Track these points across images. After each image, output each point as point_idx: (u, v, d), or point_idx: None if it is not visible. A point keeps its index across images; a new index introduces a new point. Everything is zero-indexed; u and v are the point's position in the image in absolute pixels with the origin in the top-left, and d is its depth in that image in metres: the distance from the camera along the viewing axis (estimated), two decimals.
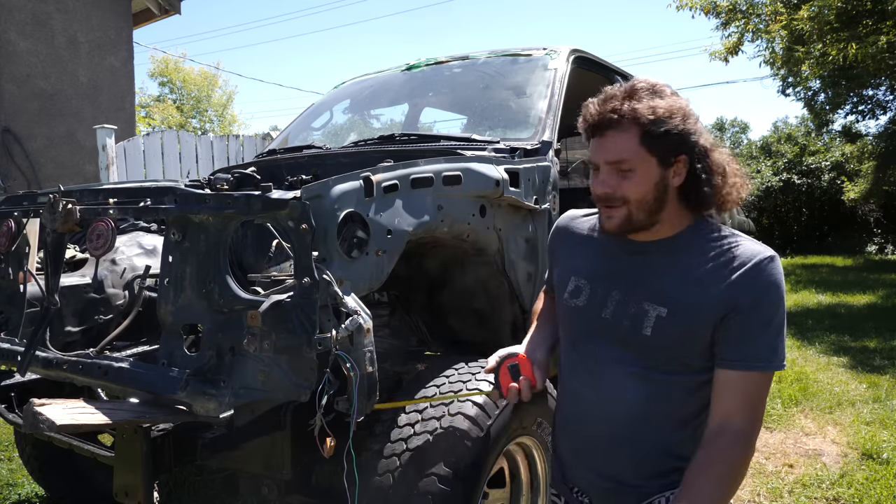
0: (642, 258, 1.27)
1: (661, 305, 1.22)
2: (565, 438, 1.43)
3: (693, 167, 1.21)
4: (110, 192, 1.83)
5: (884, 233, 15.84)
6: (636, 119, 1.16)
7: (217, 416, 1.41)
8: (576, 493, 1.40)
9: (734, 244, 1.22)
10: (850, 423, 3.80)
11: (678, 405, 1.25)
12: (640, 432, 1.27)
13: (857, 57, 7.48)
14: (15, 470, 3.14)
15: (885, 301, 8.32)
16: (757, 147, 18.79)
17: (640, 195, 1.19)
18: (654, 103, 1.17)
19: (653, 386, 1.25)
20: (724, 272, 1.19)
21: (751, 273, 1.17)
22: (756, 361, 1.17)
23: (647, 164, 1.18)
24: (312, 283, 1.33)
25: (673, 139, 1.18)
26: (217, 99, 28.56)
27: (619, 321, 1.26)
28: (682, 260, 1.24)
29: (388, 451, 1.61)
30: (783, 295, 1.19)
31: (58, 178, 6.34)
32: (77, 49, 7.01)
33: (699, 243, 1.24)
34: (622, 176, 1.19)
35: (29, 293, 1.81)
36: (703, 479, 1.15)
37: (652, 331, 1.22)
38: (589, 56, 3.04)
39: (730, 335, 1.18)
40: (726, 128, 29.60)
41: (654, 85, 1.21)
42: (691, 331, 1.20)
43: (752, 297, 1.16)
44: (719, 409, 1.19)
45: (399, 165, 1.68)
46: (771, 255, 1.20)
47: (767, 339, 1.17)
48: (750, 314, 1.17)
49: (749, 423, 1.17)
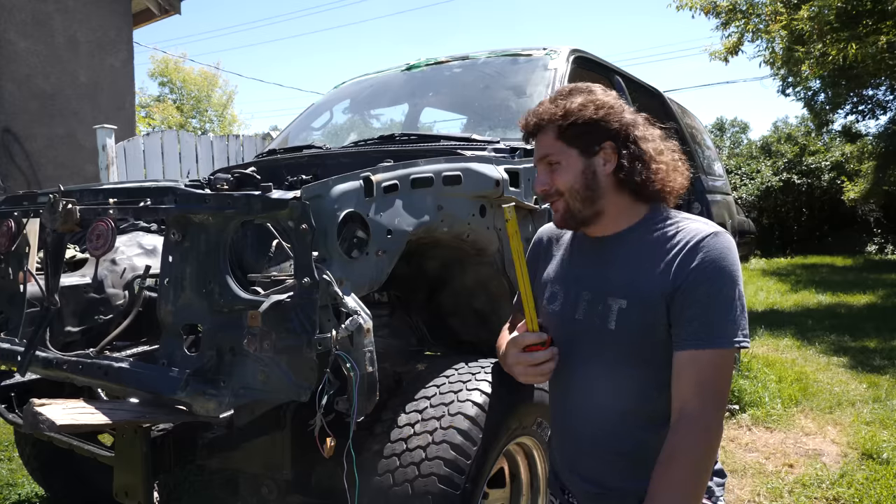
0: (604, 255, 1.31)
1: (622, 298, 1.24)
2: (555, 442, 1.44)
3: (621, 154, 1.26)
4: (110, 192, 1.83)
5: (884, 233, 15.83)
6: (552, 118, 1.28)
7: (217, 416, 1.42)
8: (567, 495, 1.40)
9: (679, 228, 1.24)
10: (850, 423, 3.80)
11: (652, 403, 1.24)
12: (617, 433, 1.27)
13: (857, 57, 7.48)
14: (15, 470, 3.14)
15: (885, 301, 8.33)
16: (757, 147, 18.78)
17: (569, 185, 1.28)
18: (567, 101, 1.28)
19: (625, 383, 1.25)
20: (667, 255, 1.21)
21: (691, 252, 1.18)
22: (702, 340, 1.15)
23: (568, 156, 1.27)
24: (312, 283, 1.33)
25: (587, 128, 1.26)
26: (217, 99, 28.58)
27: (591, 320, 1.28)
28: (634, 250, 1.27)
29: (388, 451, 1.61)
30: (730, 270, 1.17)
31: (58, 178, 6.33)
32: (77, 49, 7.01)
33: (650, 232, 1.27)
34: (552, 170, 1.29)
35: (29, 293, 1.81)
36: (666, 477, 1.13)
37: (615, 324, 1.24)
38: (589, 56, 3.04)
39: (679, 316, 1.18)
40: (726, 128, 29.54)
41: (574, 87, 1.32)
42: (647, 319, 1.21)
43: (692, 276, 1.17)
44: (676, 396, 1.17)
45: (399, 165, 1.68)
46: (712, 231, 1.20)
47: (714, 316, 1.15)
48: (692, 293, 1.16)
49: (702, 407, 1.14)
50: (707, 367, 1.15)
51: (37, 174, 6.58)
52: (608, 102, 1.28)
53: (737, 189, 15.98)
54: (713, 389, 1.15)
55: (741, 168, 17.27)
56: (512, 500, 1.96)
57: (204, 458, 1.82)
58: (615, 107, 1.28)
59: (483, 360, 1.84)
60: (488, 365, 1.79)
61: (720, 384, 1.16)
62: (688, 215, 1.29)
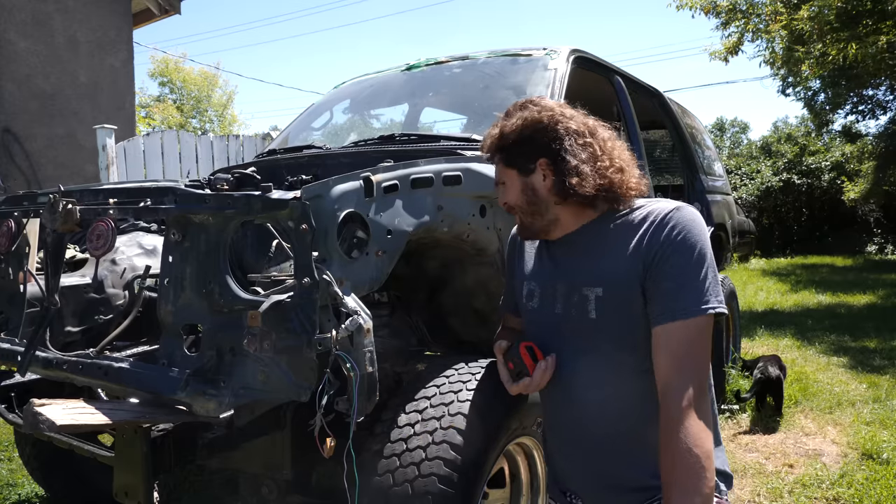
0: (572, 246, 1.33)
1: (597, 286, 1.25)
2: (552, 442, 1.43)
3: (557, 169, 1.27)
4: (110, 192, 1.83)
5: (884, 233, 15.82)
6: (493, 141, 1.34)
7: (217, 416, 1.41)
8: (569, 496, 1.39)
9: (643, 209, 1.26)
10: (850, 423, 3.80)
11: (644, 387, 1.22)
12: (613, 421, 1.26)
13: (857, 57, 7.48)
14: (15, 470, 3.14)
15: (885, 301, 8.33)
16: (757, 147, 18.79)
17: (514, 201, 1.34)
18: (505, 121, 1.33)
19: (615, 370, 1.25)
20: (635, 236, 1.23)
21: (657, 229, 1.20)
22: (674, 312, 1.14)
23: (509, 176, 1.33)
24: (312, 283, 1.33)
25: (520, 149, 1.30)
26: (217, 99, 28.58)
27: (569, 312, 1.29)
28: (601, 237, 1.28)
29: (388, 451, 1.60)
30: (695, 240, 1.17)
31: (58, 178, 6.33)
32: (77, 49, 7.01)
33: (615, 218, 1.29)
34: (502, 190, 1.36)
35: (29, 293, 1.81)
36: (669, 458, 1.11)
37: (596, 313, 1.24)
38: (589, 56, 3.04)
39: (653, 293, 1.18)
40: (726, 128, 29.57)
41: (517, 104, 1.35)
42: (626, 302, 1.21)
43: (660, 252, 1.18)
44: (658, 374, 1.16)
45: (399, 165, 1.68)
46: (674, 206, 1.22)
47: (684, 287, 1.15)
48: (661, 267, 1.17)
49: (680, 381, 1.11)
50: (680, 337, 1.14)
51: (37, 174, 6.58)
52: (541, 119, 1.28)
53: (737, 189, 15.98)
54: (691, 360, 1.13)
55: (741, 168, 17.27)
56: (512, 500, 1.96)
57: (204, 458, 1.81)
58: (549, 121, 1.28)
59: (483, 360, 1.84)
60: (488, 365, 1.79)
61: (697, 352, 1.14)
62: (654, 198, 1.31)
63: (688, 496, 1.08)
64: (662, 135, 5.16)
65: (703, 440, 1.10)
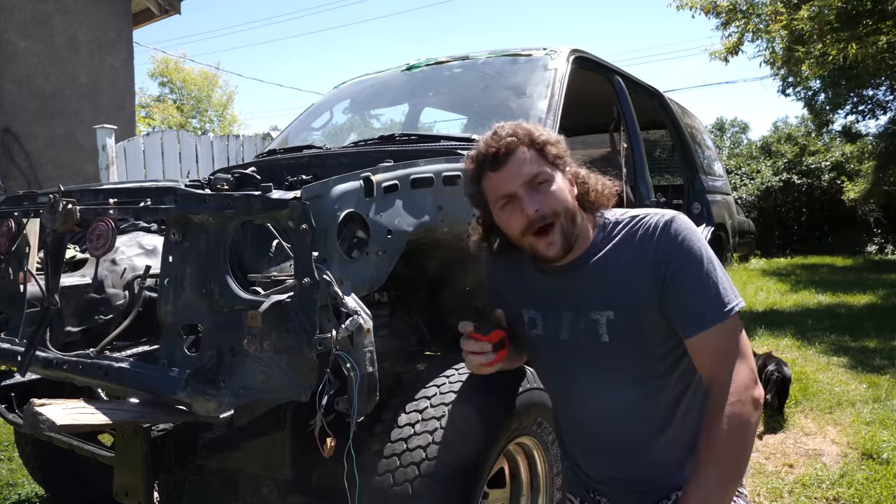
0: (572, 274, 1.31)
1: (607, 310, 1.26)
2: (572, 450, 1.46)
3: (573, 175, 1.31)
4: (110, 192, 1.83)
5: (884, 233, 15.82)
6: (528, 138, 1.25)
7: (217, 416, 1.41)
8: (592, 494, 1.42)
9: (638, 225, 1.27)
10: (850, 423, 3.80)
11: (661, 396, 1.26)
12: (635, 431, 1.28)
13: (857, 57, 7.48)
14: (15, 470, 3.14)
15: (885, 301, 8.32)
16: (757, 147, 18.77)
17: (570, 204, 1.26)
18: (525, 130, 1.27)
19: (629, 383, 1.27)
20: (637, 253, 1.24)
21: (658, 242, 1.21)
22: (705, 321, 1.18)
23: (555, 174, 1.26)
24: (312, 283, 1.33)
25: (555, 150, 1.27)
26: (217, 99, 28.58)
27: (577, 338, 1.30)
28: (606, 262, 1.28)
29: (388, 451, 1.60)
30: (698, 246, 1.21)
31: (58, 178, 6.33)
32: (77, 49, 7.01)
33: (612, 239, 1.29)
34: (541, 191, 1.24)
35: (29, 293, 1.81)
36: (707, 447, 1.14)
37: (608, 336, 1.25)
38: (589, 56, 3.04)
39: (675, 308, 1.20)
40: (726, 128, 29.56)
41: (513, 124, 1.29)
42: (640, 320, 1.23)
43: (669, 265, 1.20)
44: (702, 371, 1.22)
45: (399, 165, 1.68)
46: (669, 217, 1.23)
47: (707, 292, 1.18)
48: (676, 280, 1.19)
49: (727, 373, 1.16)
50: (720, 339, 1.18)
51: (37, 174, 6.58)
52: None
53: (737, 189, 15.97)
54: (732, 355, 1.18)
55: (741, 168, 17.27)
56: (512, 500, 1.96)
57: (204, 458, 1.81)
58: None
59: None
60: None
61: (735, 346, 1.19)
62: (631, 211, 1.32)
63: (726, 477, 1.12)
64: (662, 135, 5.15)
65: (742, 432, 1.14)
